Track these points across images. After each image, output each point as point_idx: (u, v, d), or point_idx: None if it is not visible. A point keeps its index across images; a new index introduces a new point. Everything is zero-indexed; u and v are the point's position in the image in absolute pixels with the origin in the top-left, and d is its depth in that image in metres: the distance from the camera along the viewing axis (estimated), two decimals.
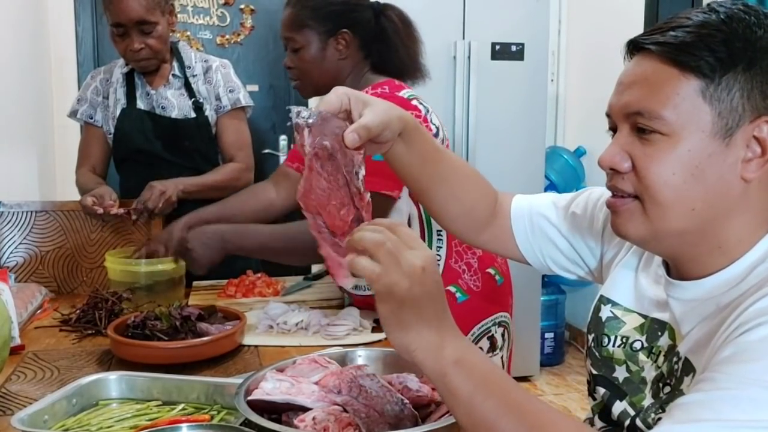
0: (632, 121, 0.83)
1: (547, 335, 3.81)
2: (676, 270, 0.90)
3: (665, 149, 0.80)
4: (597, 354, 1.00)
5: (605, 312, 0.99)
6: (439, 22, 3.34)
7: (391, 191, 1.46)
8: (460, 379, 0.73)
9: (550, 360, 3.84)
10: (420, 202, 1.15)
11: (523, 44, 3.46)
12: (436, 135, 1.52)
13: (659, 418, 0.86)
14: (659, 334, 0.92)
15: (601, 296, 1.02)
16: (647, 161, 0.81)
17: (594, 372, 1.00)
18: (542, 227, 1.12)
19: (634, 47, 0.86)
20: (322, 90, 1.64)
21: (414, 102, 1.52)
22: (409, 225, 1.54)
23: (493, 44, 3.44)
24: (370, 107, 0.89)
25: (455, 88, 3.40)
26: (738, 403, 0.67)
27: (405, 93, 1.54)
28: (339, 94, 0.88)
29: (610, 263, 1.05)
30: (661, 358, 0.91)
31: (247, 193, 1.88)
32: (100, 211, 1.77)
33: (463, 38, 3.40)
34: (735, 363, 0.70)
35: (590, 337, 1.02)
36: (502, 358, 1.60)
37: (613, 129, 0.88)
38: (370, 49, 1.63)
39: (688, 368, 0.84)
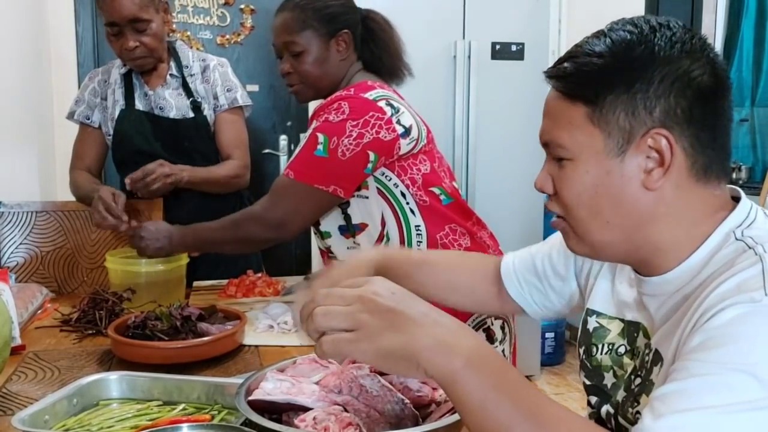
0: (547, 148, 0.89)
1: (547, 335, 3.81)
2: (640, 271, 0.92)
3: (571, 172, 0.86)
4: (588, 365, 1.02)
5: (591, 323, 1.02)
6: (439, 22, 3.34)
7: (324, 186, 1.48)
8: (472, 383, 0.70)
9: (551, 360, 3.85)
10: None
11: (523, 44, 3.46)
12: (405, 135, 1.50)
13: (637, 412, 0.88)
14: (635, 335, 0.94)
15: (587, 309, 1.04)
16: (561, 184, 0.88)
17: (587, 383, 1.02)
18: (531, 282, 1.15)
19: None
20: (323, 93, 1.64)
21: (380, 103, 1.50)
22: (384, 224, 1.55)
23: (493, 44, 3.44)
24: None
25: (455, 88, 3.40)
26: (713, 388, 0.68)
27: (371, 94, 1.52)
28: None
29: (588, 276, 1.07)
30: (640, 357, 0.93)
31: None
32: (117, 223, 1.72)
33: (463, 38, 3.40)
34: (706, 350, 0.71)
35: (581, 351, 1.04)
36: (503, 351, 1.59)
37: None
38: (362, 50, 1.65)
39: (657, 358, 0.86)
